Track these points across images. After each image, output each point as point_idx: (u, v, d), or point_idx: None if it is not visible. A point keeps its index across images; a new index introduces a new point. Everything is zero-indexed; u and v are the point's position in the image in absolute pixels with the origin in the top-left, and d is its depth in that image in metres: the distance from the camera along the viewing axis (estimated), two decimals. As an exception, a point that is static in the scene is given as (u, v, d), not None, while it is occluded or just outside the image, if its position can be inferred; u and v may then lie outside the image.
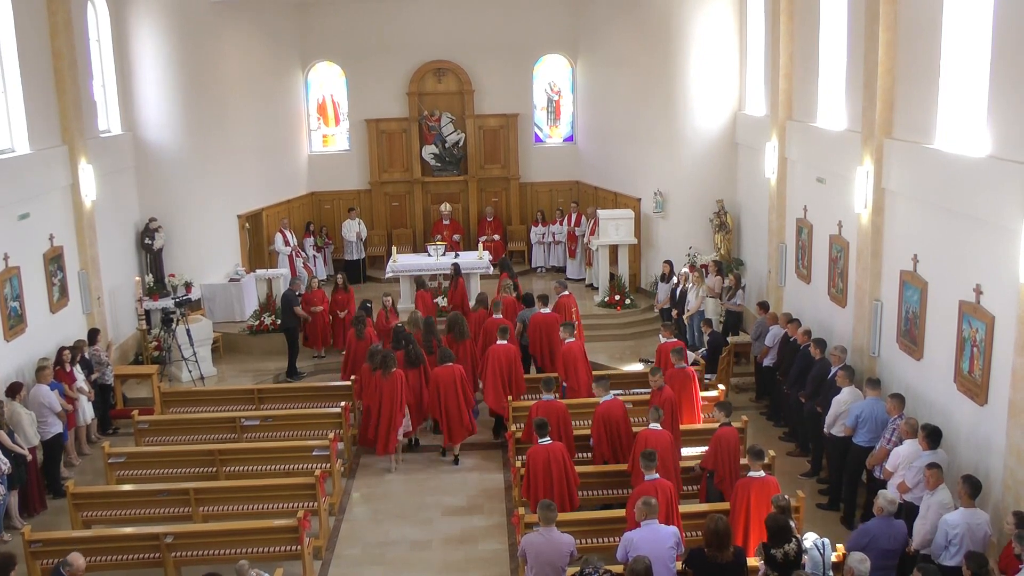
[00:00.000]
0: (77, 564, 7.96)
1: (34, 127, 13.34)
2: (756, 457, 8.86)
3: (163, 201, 17.33)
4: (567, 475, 9.80)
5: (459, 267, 16.64)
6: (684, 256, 17.38)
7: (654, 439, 9.56)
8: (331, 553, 10.33)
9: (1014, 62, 8.43)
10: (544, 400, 10.86)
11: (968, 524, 7.89)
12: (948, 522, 7.96)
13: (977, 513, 7.99)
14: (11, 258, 12.40)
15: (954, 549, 7.87)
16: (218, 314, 17.24)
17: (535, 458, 9.72)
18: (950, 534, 7.91)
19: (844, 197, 12.32)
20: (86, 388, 12.78)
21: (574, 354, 12.56)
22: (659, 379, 10.90)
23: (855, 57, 11.95)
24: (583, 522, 9.43)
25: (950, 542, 7.92)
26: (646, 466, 8.78)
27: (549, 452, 9.73)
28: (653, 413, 9.91)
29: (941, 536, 7.99)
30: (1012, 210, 8.30)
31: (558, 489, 9.67)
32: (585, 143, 21.17)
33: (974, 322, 9.16)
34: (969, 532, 7.87)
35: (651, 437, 9.62)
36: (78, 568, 7.95)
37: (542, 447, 9.75)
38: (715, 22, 17.34)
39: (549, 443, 9.80)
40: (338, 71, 21.06)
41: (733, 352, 14.83)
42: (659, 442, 9.52)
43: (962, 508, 8.01)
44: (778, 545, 7.57)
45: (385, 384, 11.97)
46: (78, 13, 14.86)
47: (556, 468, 9.70)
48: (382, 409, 11.98)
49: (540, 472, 9.69)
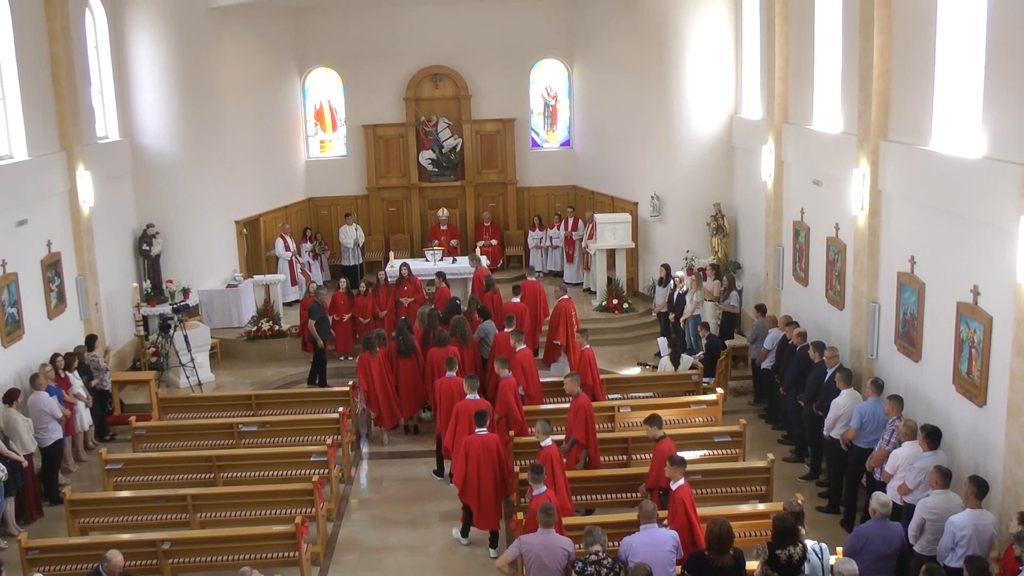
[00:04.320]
0: (115, 561, 7.93)
1: (32, 133, 13.34)
2: (679, 465, 8.67)
3: (161, 207, 17.33)
4: (501, 465, 10.07)
5: (444, 274, 16.63)
6: (681, 260, 17.39)
7: (544, 454, 9.53)
8: (329, 559, 10.30)
9: (1008, 62, 8.45)
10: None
11: (975, 525, 7.84)
12: (955, 523, 7.90)
13: (984, 514, 7.96)
14: (8, 264, 12.38)
15: (960, 551, 7.80)
16: (216, 320, 17.23)
17: (470, 445, 9.95)
18: (957, 535, 7.85)
19: (840, 199, 12.34)
20: (84, 394, 12.76)
21: (528, 360, 12.64)
22: (575, 385, 10.91)
23: (850, 60, 11.99)
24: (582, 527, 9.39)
25: (957, 543, 7.85)
26: (534, 479, 8.78)
27: (484, 442, 9.95)
28: (542, 425, 9.81)
29: (948, 538, 7.92)
30: (1008, 211, 8.31)
31: (495, 479, 9.95)
32: (582, 147, 21.20)
33: (972, 323, 9.16)
34: (976, 533, 7.83)
35: (469, 407, 10.19)
36: (116, 565, 7.93)
37: (478, 437, 9.97)
38: (710, 26, 17.38)
39: (486, 434, 10.03)
40: (335, 77, 21.09)
41: (731, 355, 14.82)
42: (546, 458, 9.47)
43: (968, 509, 7.96)
44: (783, 546, 7.55)
45: (373, 363, 12.98)
46: (76, 19, 14.87)
47: (489, 459, 9.95)
48: (376, 386, 12.92)
49: (472, 461, 9.94)
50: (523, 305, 14.88)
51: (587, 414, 10.63)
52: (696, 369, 13.64)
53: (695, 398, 12.70)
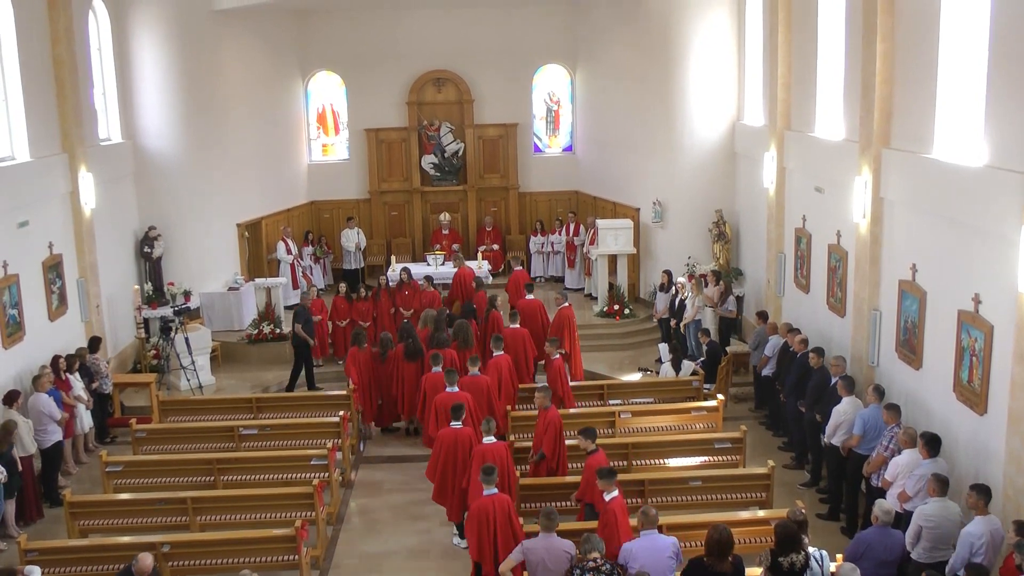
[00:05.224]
0: (145, 563, 7.92)
1: (34, 134, 13.36)
2: (609, 477, 8.58)
3: (162, 209, 17.35)
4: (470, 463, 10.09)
5: (432, 279, 16.65)
6: (683, 266, 17.39)
7: (491, 453, 9.56)
8: (328, 563, 10.30)
9: (1011, 71, 8.46)
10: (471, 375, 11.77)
11: (990, 532, 7.80)
12: (972, 533, 7.80)
13: (993, 519, 7.94)
14: (10, 266, 12.39)
15: (979, 559, 7.70)
16: (217, 323, 17.22)
17: (443, 440, 10.17)
18: (976, 544, 7.74)
19: (842, 207, 12.34)
20: (85, 397, 12.75)
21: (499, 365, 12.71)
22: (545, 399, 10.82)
23: (853, 67, 12.00)
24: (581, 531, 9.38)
25: (975, 552, 7.74)
26: (486, 481, 8.76)
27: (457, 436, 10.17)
28: (485, 425, 9.88)
29: (965, 548, 7.79)
30: (1010, 219, 8.31)
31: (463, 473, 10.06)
32: (584, 153, 21.21)
33: (973, 331, 9.16)
34: (991, 539, 7.78)
35: (488, 451, 9.65)
36: (145, 567, 7.91)
37: (451, 431, 10.23)
38: (714, 32, 17.41)
39: (460, 428, 10.24)
40: (338, 80, 21.11)
41: (732, 362, 14.81)
42: (496, 455, 9.54)
43: (978, 517, 7.91)
44: (785, 554, 7.54)
45: (361, 356, 13.42)
46: (79, 21, 14.90)
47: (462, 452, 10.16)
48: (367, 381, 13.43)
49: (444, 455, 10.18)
50: (523, 330, 14.21)
51: (556, 429, 10.63)
52: (697, 375, 13.63)
53: (696, 404, 12.70)
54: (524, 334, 14.04)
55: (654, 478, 10.54)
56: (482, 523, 8.68)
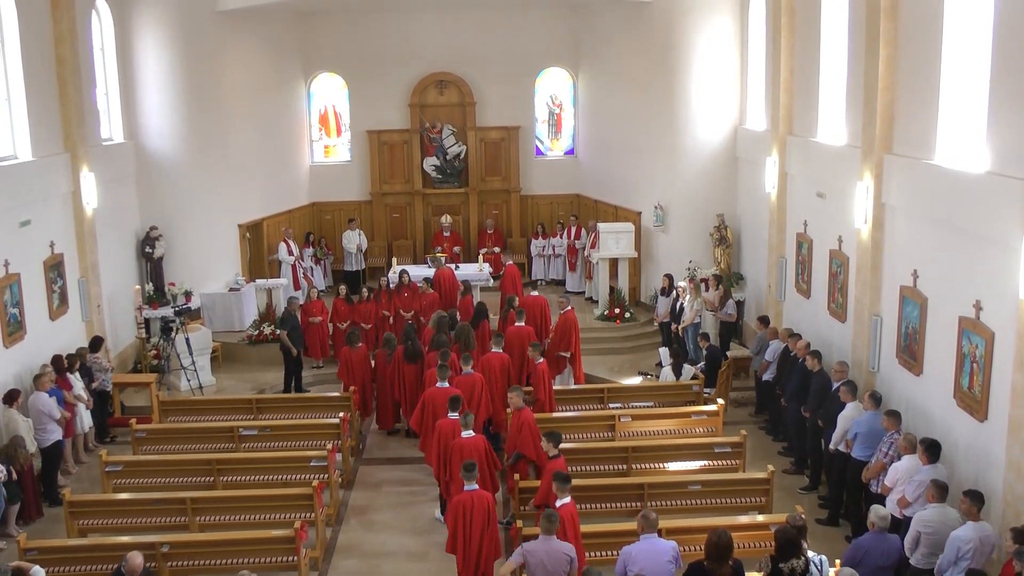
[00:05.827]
0: (134, 563, 7.93)
1: (36, 134, 13.37)
2: (564, 483, 8.58)
3: (164, 210, 17.37)
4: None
5: (430, 280, 16.63)
6: (684, 270, 17.38)
7: (469, 447, 9.52)
8: (328, 564, 10.29)
9: (1013, 78, 8.48)
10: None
11: (979, 538, 7.85)
12: (960, 537, 7.87)
13: (984, 526, 7.98)
14: (11, 265, 12.40)
15: (964, 563, 7.78)
16: (217, 323, 17.23)
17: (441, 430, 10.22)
18: (963, 549, 7.82)
19: (844, 212, 12.35)
20: (85, 396, 12.75)
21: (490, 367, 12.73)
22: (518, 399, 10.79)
23: (855, 73, 12.01)
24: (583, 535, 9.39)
25: (960, 557, 7.82)
26: (466, 477, 8.77)
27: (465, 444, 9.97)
28: (463, 420, 9.90)
29: (952, 552, 7.87)
30: (1011, 226, 8.32)
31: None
32: (586, 156, 21.22)
33: (974, 338, 9.16)
34: (980, 546, 7.82)
35: (466, 446, 9.64)
36: (135, 567, 7.93)
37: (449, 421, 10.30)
38: (716, 37, 17.43)
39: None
40: (340, 82, 21.13)
41: (732, 366, 14.80)
42: (474, 450, 9.54)
43: (971, 522, 7.96)
44: (785, 559, 7.53)
45: (355, 355, 13.59)
46: (82, 21, 14.91)
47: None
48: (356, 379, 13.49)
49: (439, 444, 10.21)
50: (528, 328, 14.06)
51: (531, 429, 10.65)
52: (697, 380, 13.63)
53: (696, 408, 12.69)
54: (528, 332, 13.97)
55: (654, 482, 10.54)
56: (460, 518, 8.79)
